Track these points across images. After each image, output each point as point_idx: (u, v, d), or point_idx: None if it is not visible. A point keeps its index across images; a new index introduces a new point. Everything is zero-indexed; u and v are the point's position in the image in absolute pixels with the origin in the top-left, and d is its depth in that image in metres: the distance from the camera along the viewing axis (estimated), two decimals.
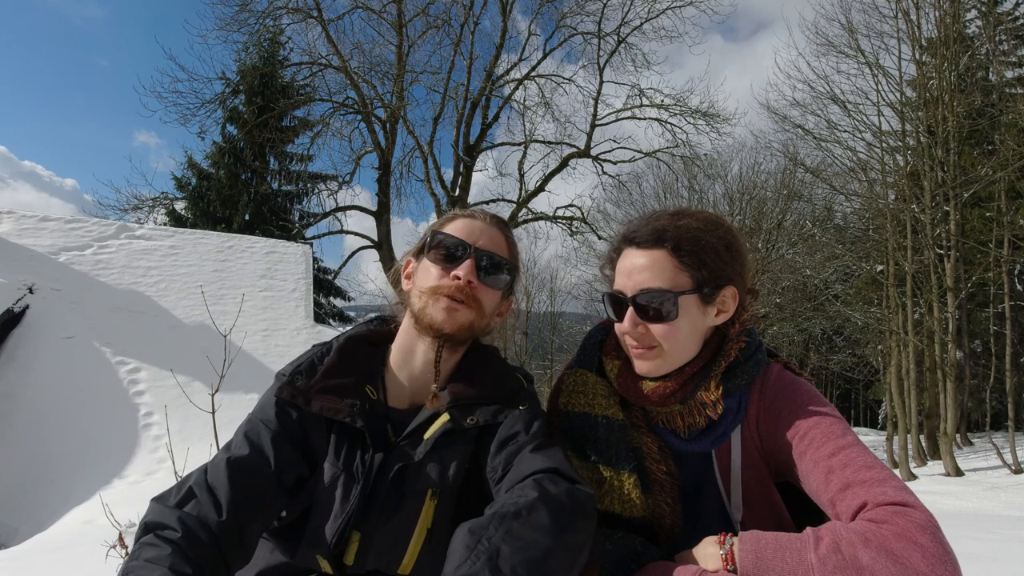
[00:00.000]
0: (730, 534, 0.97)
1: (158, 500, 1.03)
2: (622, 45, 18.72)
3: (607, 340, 1.28)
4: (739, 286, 1.15)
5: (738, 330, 1.16)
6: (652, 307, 1.11)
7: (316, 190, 19.36)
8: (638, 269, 1.12)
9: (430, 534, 1.07)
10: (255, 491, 1.05)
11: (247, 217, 17.91)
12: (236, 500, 1.02)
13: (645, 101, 18.90)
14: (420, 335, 1.19)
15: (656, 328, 1.11)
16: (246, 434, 1.12)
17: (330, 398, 1.13)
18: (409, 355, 1.21)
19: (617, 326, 1.17)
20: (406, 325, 1.23)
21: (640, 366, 1.16)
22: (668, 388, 1.13)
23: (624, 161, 19.87)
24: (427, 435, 1.11)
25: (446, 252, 1.18)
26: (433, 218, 17.66)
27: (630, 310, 1.12)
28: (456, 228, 1.21)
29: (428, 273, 1.19)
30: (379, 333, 1.29)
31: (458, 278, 1.15)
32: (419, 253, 1.25)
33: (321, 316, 18.96)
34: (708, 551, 0.97)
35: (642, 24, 18.59)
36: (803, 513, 1.14)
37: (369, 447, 1.10)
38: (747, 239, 15.58)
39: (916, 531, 0.83)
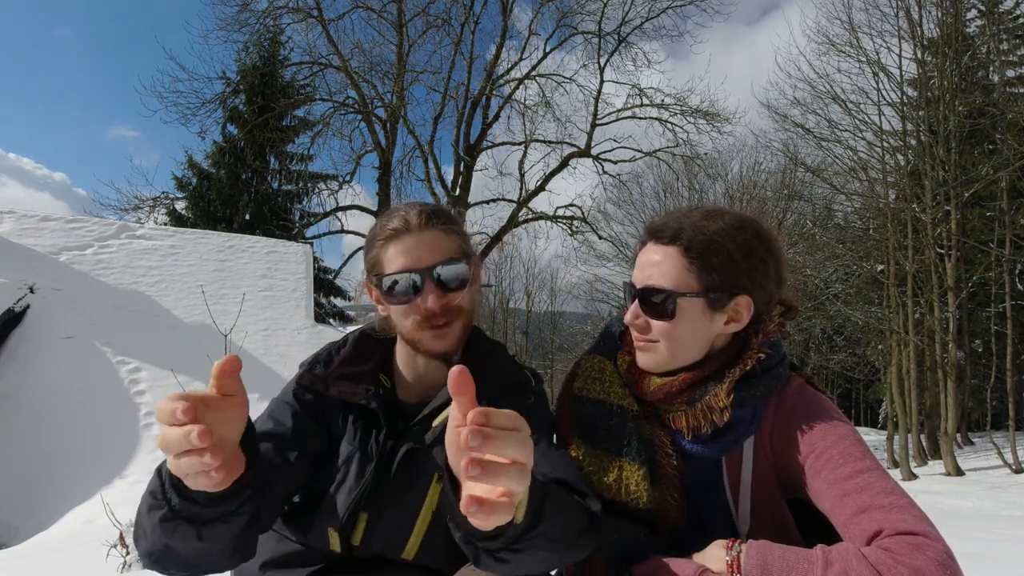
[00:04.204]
0: (739, 540, 0.95)
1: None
2: (623, 44, 18.72)
3: (626, 332, 1.26)
4: (757, 296, 1.11)
5: (760, 340, 1.12)
6: (654, 303, 1.10)
7: (316, 190, 19.33)
8: (650, 264, 1.12)
9: (435, 517, 1.10)
10: (279, 453, 1.08)
11: (247, 217, 17.90)
12: (260, 459, 1.04)
13: (645, 100, 18.90)
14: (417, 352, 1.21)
15: (656, 325, 1.11)
16: (269, 415, 1.17)
17: (347, 384, 1.18)
18: (411, 359, 1.24)
19: (625, 316, 1.18)
20: (401, 337, 1.25)
21: (639, 358, 1.17)
22: (674, 387, 1.11)
23: (624, 161, 19.87)
24: (436, 422, 1.15)
25: (401, 293, 1.14)
26: None
27: (635, 302, 1.13)
28: (395, 259, 1.14)
29: (397, 313, 1.18)
30: (388, 330, 1.31)
31: (428, 310, 1.13)
32: (374, 286, 1.22)
33: (322, 316, 18.94)
34: (715, 553, 0.96)
35: (643, 23, 18.60)
36: (813, 531, 1.11)
37: (383, 427, 1.15)
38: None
39: (933, 568, 0.80)
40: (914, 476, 13.70)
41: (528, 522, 0.78)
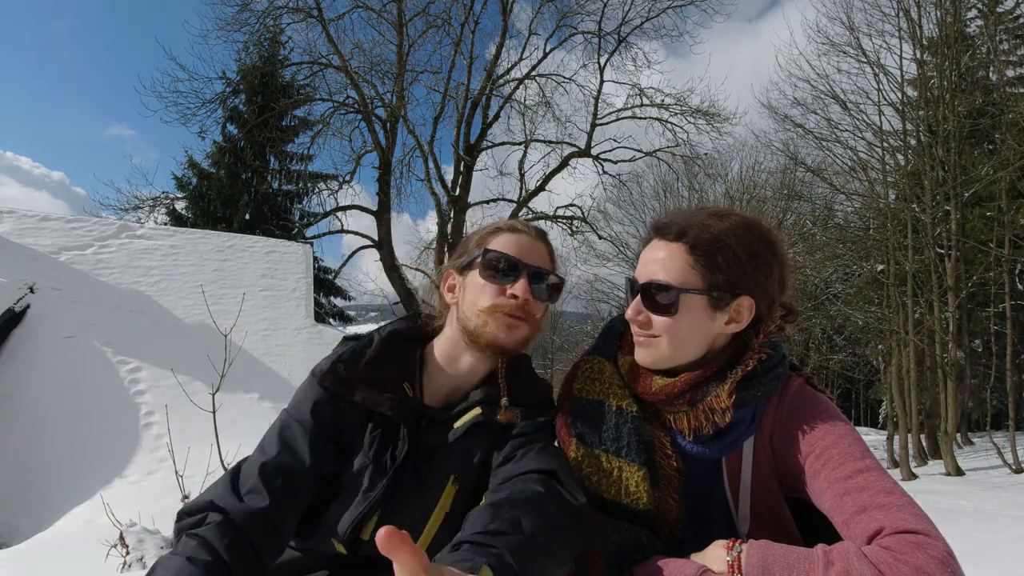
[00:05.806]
0: (740, 540, 0.95)
1: (185, 513, 1.04)
2: (622, 44, 18.71)
3: (626, 332, 1.26)
4: (759, 298, 1.12)
5: (761, 340, 1.12)
6: (656, 298, 1.11)
7: (316, 190, 19.33)
8: (654, 260, 1.13)
9: (447, 518, 1.10)
10: (290, 490, 1.07)
11: (247, 217, 17.91)
12: (271, 501, 1.04)
13: (645, 100, 18.88)
14: (469, 348, 1.20)
15: (656, 320, 1.11)
16: (280, 434, 1.13)
17: (372, 389, 1.15)
18: (453, 362, 1.23)
19: (627, 311, 1.18)
20: (452, 335, 1.24)
21: (638, 353, 1.17)
22: (676, 388, 1.11)
23: (624, 160, 19.85)
24: (457, 424, 1.15)
25: (499, 270, 1.18)
26: (433, 216, 17.65)
27: (637, 297, 1.14)
28: (505, 244, 1.21)
29: (481, 291, 1.19)
30: (418, 331, 1.31)
31: (515, 296, 1.17)
32: (464, 268, 1.24)
33: (321, 315, 18.96)
34: (715, 554, 0.96)
35: (643, 23, 18.59)
36: (813, 531, 1.11)
37: (400, 440, 1.13)
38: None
39: (934, 567, 0.80)
40: (914, 476, 13.71)
41: None
